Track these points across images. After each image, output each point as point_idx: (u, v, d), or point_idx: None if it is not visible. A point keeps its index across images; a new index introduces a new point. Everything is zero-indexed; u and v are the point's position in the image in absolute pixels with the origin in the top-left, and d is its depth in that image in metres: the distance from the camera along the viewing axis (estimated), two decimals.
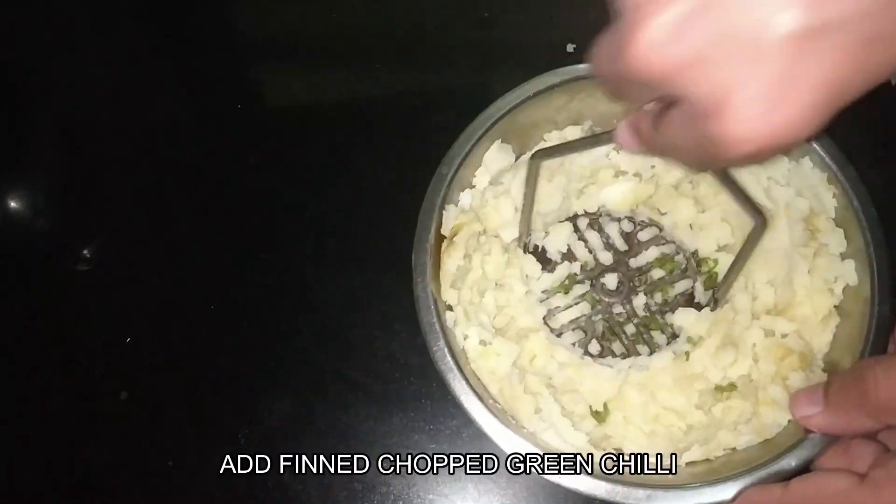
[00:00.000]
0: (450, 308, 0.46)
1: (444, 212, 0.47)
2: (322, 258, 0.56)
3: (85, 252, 0.57)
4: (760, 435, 0.42)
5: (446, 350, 0.43)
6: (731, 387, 0.44)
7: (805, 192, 0.47)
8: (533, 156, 0.43)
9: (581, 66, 0.48)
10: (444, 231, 0.47)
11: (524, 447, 0.40)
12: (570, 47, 0.58)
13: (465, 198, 0.49)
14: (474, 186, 0.50)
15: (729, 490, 0.39)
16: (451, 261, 0.47)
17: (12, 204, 0.60)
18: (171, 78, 0.65)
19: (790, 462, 0.39)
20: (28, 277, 0.57)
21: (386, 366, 0.52)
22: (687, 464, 0.42)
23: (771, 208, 0.47)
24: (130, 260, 0.57)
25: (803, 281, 0.45)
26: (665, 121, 0.29)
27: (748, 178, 0.48)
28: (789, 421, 0.42)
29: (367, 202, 0.57)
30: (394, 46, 0.64)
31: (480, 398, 0.42)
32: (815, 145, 0.46)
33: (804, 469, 0.39)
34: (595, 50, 0.28)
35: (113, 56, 0.65)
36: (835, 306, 0.45)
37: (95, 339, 0.54)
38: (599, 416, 0.44)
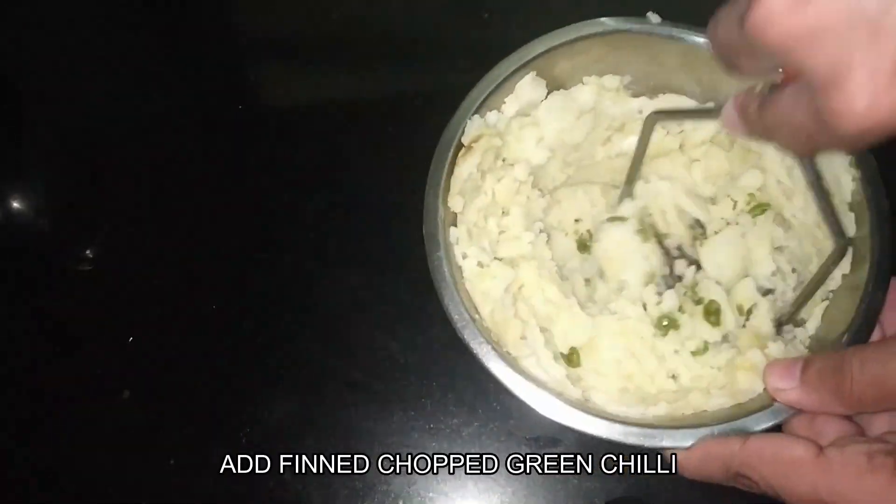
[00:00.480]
0: (454, 224, 0.46)
1: (468, 121, 0.47)
2: (322, 258, 0.56)
3: (87, 252, 0.58)
4: (733, 398, 0.42)
5: (444, 261, 0.43)
6: (705, 347, 0.45)
7: (825, 174, 0.47)
8: (649, 116, 0.45)
9: (622, 20, 0.48)
10: (465, 140, 0.47)
11: (504, 371, 0.40)
12: None
13: (492, 117, 0.49)
14: (502, 113, 0.50)
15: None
16: (466, 166, 0.46)
17: (14, 204, 0.60)
18: (170, 78, 0.65)
19: (756, 423, 0.39)
20: (30, 277, 0.57)
21: (386, 366, 0.52)
22: (654, 416, 0.43)
23: (791, 187, 0.47)
24: (132, 260, 0.57)
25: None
26: (775, 99, 0.29)
27: (773, 155, 0.48)
28: (765, 389, 0.41)
29: (367, 202, 0.57)
30: (394, 46, 0.64)
31: (468, 312, 0.42)
32: None
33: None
34: (715, 18, 0.29)
35: (113, 56, 0.65)
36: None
37: (97, 338, 0.54)
38: (571, 361, 0.45)
